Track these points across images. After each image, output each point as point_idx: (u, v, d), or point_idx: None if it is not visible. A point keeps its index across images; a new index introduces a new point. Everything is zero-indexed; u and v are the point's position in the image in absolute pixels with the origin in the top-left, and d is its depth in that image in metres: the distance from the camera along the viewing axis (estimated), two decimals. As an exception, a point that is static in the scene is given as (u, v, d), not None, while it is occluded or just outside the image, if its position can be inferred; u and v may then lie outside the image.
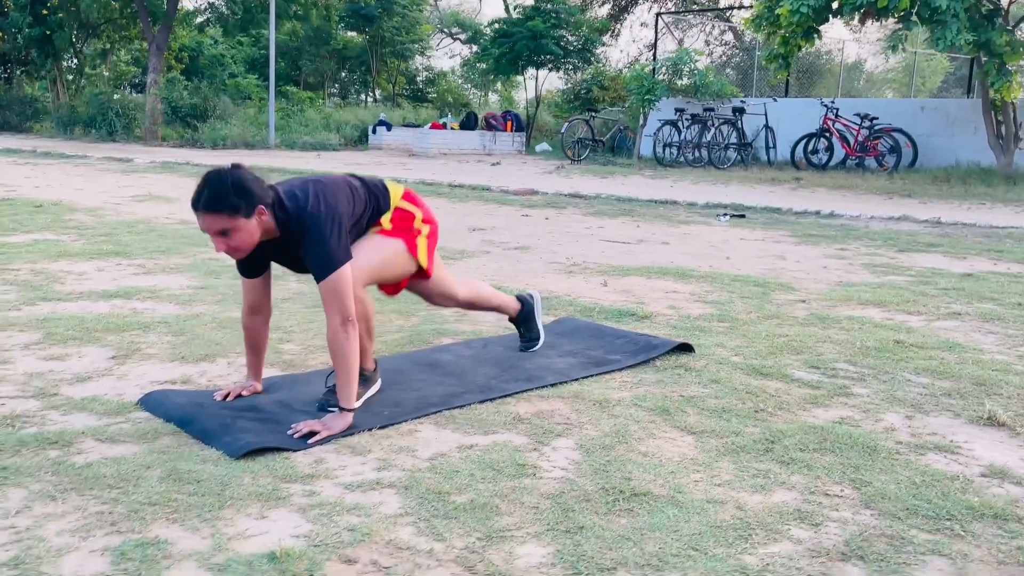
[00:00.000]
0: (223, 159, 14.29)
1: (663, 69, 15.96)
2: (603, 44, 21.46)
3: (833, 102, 14.92)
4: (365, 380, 2.80)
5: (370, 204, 2.75)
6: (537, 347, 3.38)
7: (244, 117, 20.28)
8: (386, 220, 2.79)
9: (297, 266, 2.74)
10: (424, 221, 2.88)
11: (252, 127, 19.06)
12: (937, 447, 2.57)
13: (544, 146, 19.01)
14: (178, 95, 19.89)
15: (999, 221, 8.70)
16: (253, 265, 2.72)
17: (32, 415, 2.58)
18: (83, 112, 20.04)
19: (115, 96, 21.16)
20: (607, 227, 7.78)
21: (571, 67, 20.12)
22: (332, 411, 2.60)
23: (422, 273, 2.89)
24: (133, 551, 1.79)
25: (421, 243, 2.84)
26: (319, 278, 2.54)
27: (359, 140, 20.04)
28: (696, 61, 16.26)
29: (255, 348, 2.83)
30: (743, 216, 8.74)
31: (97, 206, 8.04)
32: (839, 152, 14.52)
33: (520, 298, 3.37)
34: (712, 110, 15.32)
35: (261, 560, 1.77)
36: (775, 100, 16.04)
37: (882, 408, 2.91)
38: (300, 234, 2.53)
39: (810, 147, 14.56)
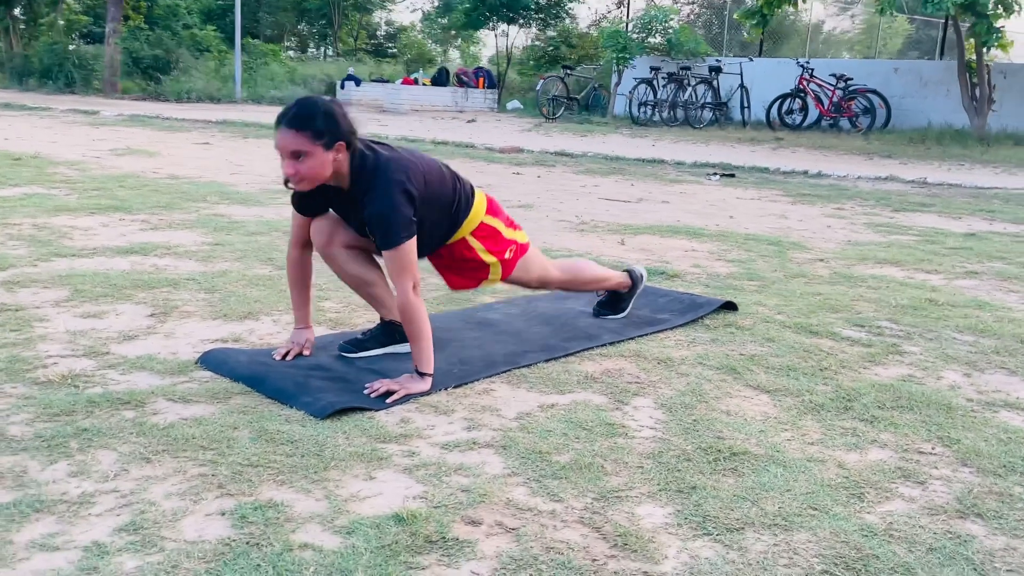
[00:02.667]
0: (190, 113, 13.95)
1: (636, 27, 15.84)
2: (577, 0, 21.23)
3: (808, 62, 14.96)
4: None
5: (456, 199, 2.65)
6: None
7: (205, 70, 19.76)
8: (471, 236, 2.72)
9: (357, 224, 2.63)
10: (511, 238, 2.81)
11: (216, 80, 18.59)
12: (1007, 404, 2.59)
13: (515, 103, 18.83)
14: (139, 46, 19.29)
15: (982, 182, 8.82)
16: (312, 204, 2.62)
17: (91, 375, 2.49)
18: (38, 63, 19.36)
19: (70, 47, 20.47)
20: (602, 185, 7.74)
21: (542, 23, 19.89)
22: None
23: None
24: (252, 514, 1.73)
25: (495, 274, 2.81)
26: (381, 246, 2.45)
27: (327, 95, 19.65)
28: (670, 19, 16.16)
29: (302, 283, 2.74)
30: (733, 175, 8.76)
31: (77, 159, 7.79)
32: (813, 112, 14.59)
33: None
34: (688, 69, 15.27)
35: (388, 522, 1.72)
36: (751, 60, 16.03)
37: (938, 366, 2.93)
38: (370, 191, 2.44)
39: (785, 107, 14.61)
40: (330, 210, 2.66)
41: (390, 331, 2.78)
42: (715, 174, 8.73)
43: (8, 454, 1.95)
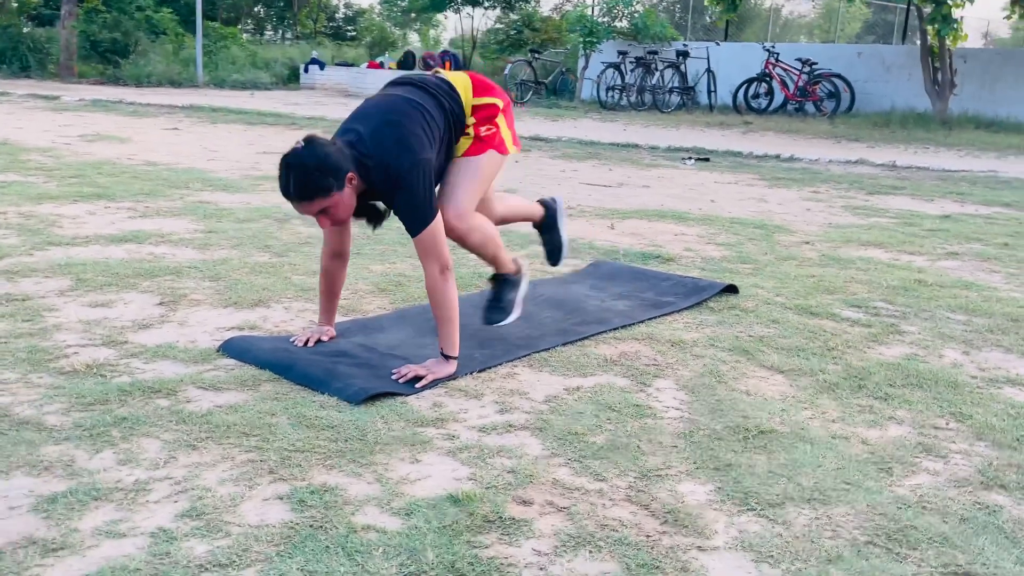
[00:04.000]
0: (153, 97, 13.74)
1: (602, 10, 15.88)
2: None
3: (774, 47, 15.13)
4: (515, 284, 2.92)
5: (449, 120, 2.57)
6: (563, 255, 3.19)
7: (163, 53, 19.41)
8: (471, 128, 2.62)
9: (379, 209, 2.64)
10: (502, 110, 2.70)
11: (177, 64, 18.28)
12: (1009, 381, 2.69)
13: (482, 87, 18.76)
14: (96, 29, 18.89)
15: (949, 165, 9.02)
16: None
17: (115, 364, 2.48)
18: (-8, 46, 18.87)
19: (24, 29, 19.97)
20: (580, 170, 7.78)
21: (505, 5, 19.84)
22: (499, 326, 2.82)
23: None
24: (310, 498, 1.76)
25: (506, 135, 2.70)
26: (412, 233, 2.47)
27: (290, 79, 19.46)
28: (635, 3, 16.23)
29: (332, 291, 2.76)
30: (707, 160, 8.85)
31: (48, 146, 7.65)
32: (779, 97, 14.76)
33: (544, 203, 3.18)
34: (656, 53, 15.36)
35: (444, 503, 1.76)
36: (718, 44, 16.16)
37: (938, 345, 3.02)
38: (386, 185, 2.44)
39: (751, 92, 14.76)
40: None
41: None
42: (690, 158, 8.82)
43: (52, 444, 1.96)
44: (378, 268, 3.76)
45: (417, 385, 2.39)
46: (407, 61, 18.87)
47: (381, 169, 2.40)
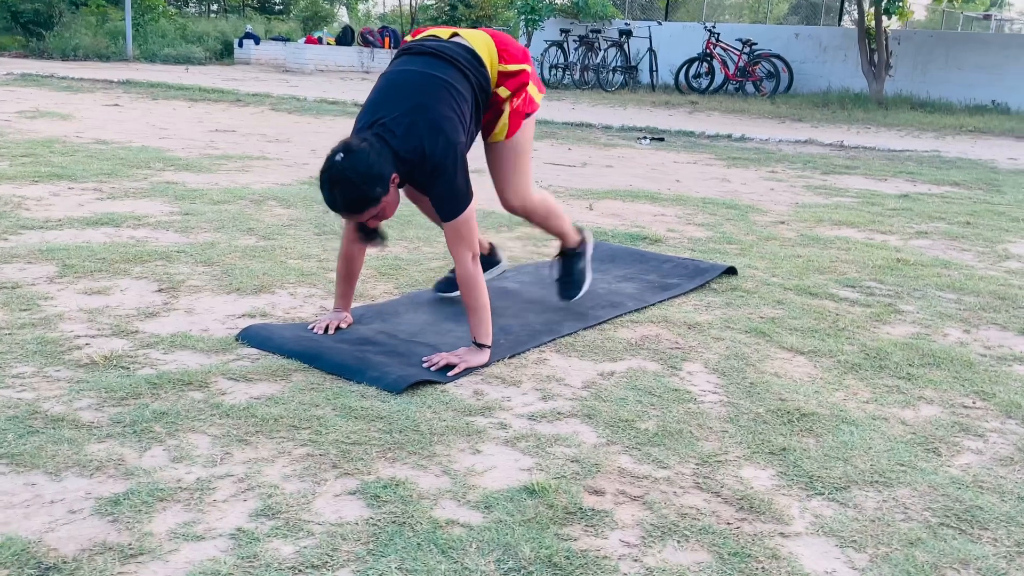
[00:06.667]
0: (84, 71, 13.23)
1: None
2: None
3: (714, 27, 15.27)
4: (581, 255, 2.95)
5: (475, 93, 2.49)
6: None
7: (86, 25, 18.68)
8: (505, 103, 2.53)
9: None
10: (530, 73, 2.61)
11: (105, 37, 17.62)
12: (1017, 358, 2.77)
13: (421, 64, 18.52)
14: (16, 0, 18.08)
15: (892, 144, 9.24)
16: None
17: (133, 355, 2.38)
18: (-98, 16, 17.93)
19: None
20: (540, 149, 7.75)
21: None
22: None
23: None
24: (383, 492, 1.71)
25: (533, 92, 2.62)
26: (445, 219, 2.42)
27: (223, 54, 18.93)
28: (575, -20, 16.20)
29: (350, 276, 2.69)
30: (662, 140, 8.91)
31: (-14, 123, 7.30)
32: (719, 76, 14.93)
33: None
34: (599, 32, 15.37)
35: (520, 495, 1.74)
36: (660, 24, 16.25)
37: (938, 324, 3.10)
38: (423, 174, 2.39)
39: (692, 71, 14.90)
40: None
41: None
42: (645, 138, 8.87)
43: (95, 441, 1.87)
44: (373, 251, 3.68)
45: (450, 373, 2.35)
46: (345, 37, 18.52)
47: (417, 159, 2.34)
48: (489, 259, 2.99)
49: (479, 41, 2.55)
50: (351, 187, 2.24)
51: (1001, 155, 8.84)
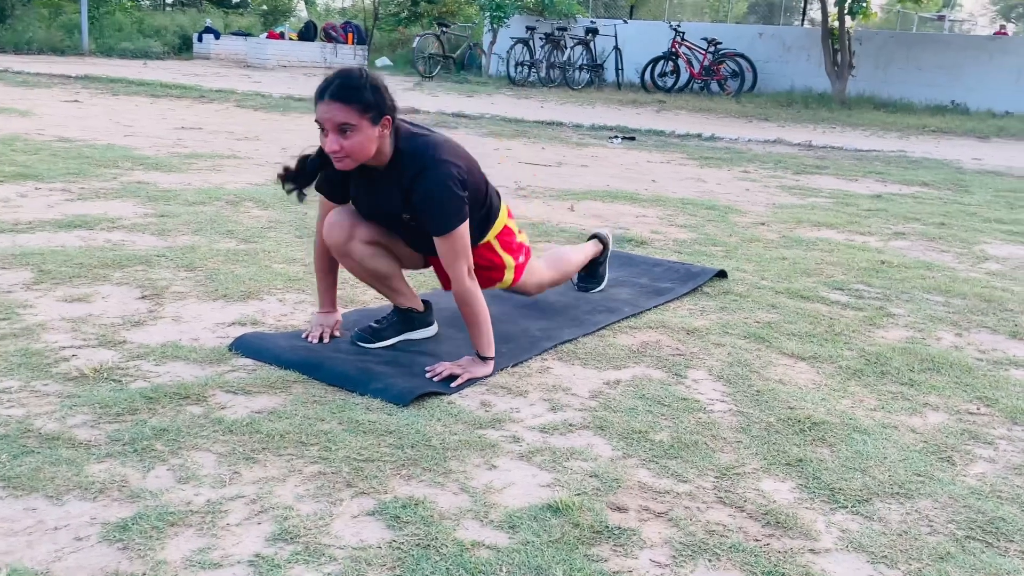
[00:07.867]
0: (39, 66, 12.92)
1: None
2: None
3: (679, 25, 15.33)
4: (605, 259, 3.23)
5: (487, 199, 2.55)
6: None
7: (39, 18, 18.25)
8: (495, 239, 2.64)
9: (388, 208, 2.42)
10: (520, 241, 2.77)
11: (60, 31, 17.22)
12: (1012, 363, 2.78)
13: (384, 60, 18.40)
14: (-34, -9, 17.59)
15: (859, 144, 9.35)
16: (342, 191, 2.49)
17: (123, 367, 2.29)
18: None
19: None
20: (514, 148, 7.71)
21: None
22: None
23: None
24: (403, 512, 1.65)
25: (517, 270, 2.74)
26: (435, 231, 2.34)
27: (182, 48, 18.60)
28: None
29: (330, 271, 2.60)
30: (633, 139, 8.91)
31: (-58, 119, 7.08)
32: (684, 75, 15.00)
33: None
34: (565, 30, 15.35)
35: (544, 513, 1.69)
36: (625, 22, 16.28)
37: (930, 327, 3.11)
38: (421, 173, 2.31)
39: (658, 70, 14.94)
40: (349, 203, 2.51)
41: (408, 318, 2.64)
42: (617, 137, 8.86)
43: (94, 461, 1.78)
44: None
45: (453, 384, 2.29)
46: (308, 32, 18.30)
47: (420, 153, 2.31)
48: (423, 317, 2.72)
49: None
50: (356, 79, 2.23)
51: (965, 155, 8.98)
